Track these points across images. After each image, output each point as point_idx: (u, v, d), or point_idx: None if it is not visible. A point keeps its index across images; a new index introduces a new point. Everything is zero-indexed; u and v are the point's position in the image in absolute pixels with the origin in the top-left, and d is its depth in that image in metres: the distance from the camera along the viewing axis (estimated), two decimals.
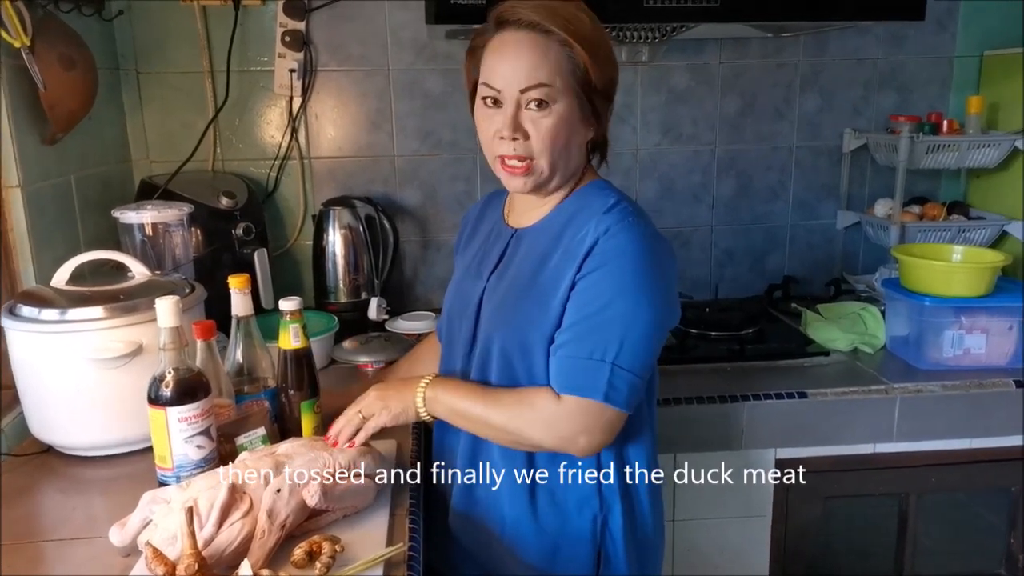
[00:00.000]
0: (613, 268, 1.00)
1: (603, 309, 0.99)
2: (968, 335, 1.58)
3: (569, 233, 1.05)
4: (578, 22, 0.99)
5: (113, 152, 1.78)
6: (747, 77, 2.01)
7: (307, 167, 1.95)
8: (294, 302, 1.15)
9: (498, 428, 1.05)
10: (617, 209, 1.04)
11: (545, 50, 0.99)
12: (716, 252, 2.12)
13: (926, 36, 2.01)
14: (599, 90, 1.02)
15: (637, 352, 1.00)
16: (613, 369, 0.99)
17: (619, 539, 1.09)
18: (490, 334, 1.10)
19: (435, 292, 2.04)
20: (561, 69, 1.00)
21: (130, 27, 1.81)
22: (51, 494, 1.14)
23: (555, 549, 1.09)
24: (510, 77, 1.01)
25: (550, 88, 1.00)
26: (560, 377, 1.01)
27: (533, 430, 1.03)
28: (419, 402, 1.08)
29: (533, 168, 1.04)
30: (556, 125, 1.01)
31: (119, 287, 1.25)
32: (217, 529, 0.90)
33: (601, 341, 0.99)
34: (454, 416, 1.08)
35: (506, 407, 1.05)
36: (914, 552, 1.66)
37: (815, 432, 1.53)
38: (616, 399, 1.00)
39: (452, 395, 1.08)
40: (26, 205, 1.35)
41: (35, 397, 1.21)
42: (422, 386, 1.09)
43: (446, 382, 1.11)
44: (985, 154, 1.88)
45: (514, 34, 1.01)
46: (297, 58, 1.85)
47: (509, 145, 1.03)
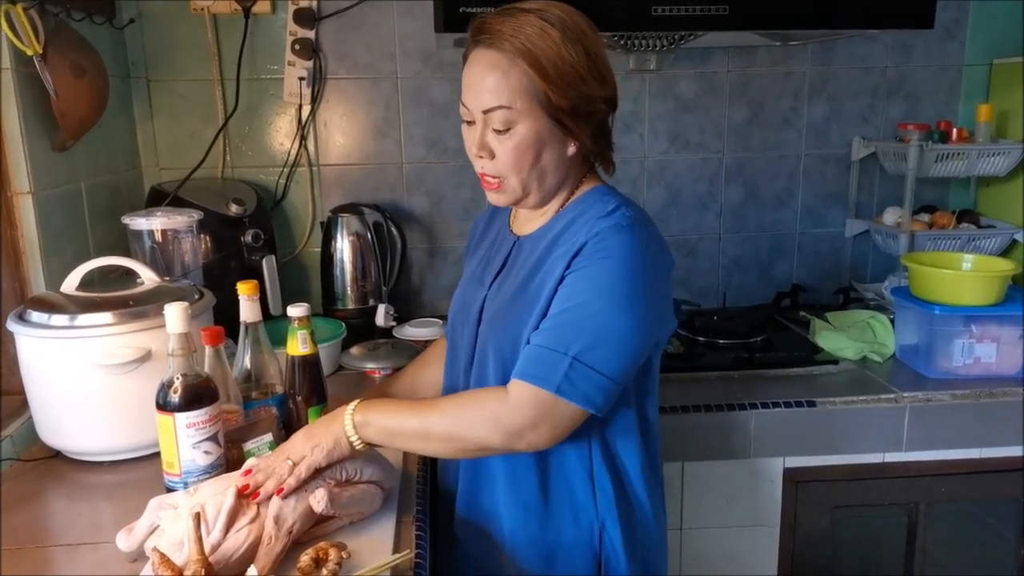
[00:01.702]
0: (594, 269, 0.99)
1: (578, 307, 0.98)
2: (978, 344, 1.57)
3: (565, 238, 1.05)
4: (539, 42, 0.96)
5: (123, 159, 1.79)
6: (755, 85, 2.01)
7: (316, 174, 1.96)
8: (302, 308, 1.16)
9: (442, 437, 1.01)
10: (615, 215, 1.03)
11: (507, 70, 0.98)
12: (724, 260, 2.12)
13: (934, 44, 2.01)
14: (565, 110, 0.99)
15: (608, 354, 0.97)
16: (573, 363, 0.96)
17: (619, 545, 1.08)
18: (486, 340, 1.10)
19: (442, 299, 2.04)
20: (522, 90, 0.98)
21: (141, 35, 1.83)
22: (59, 499, 1.15)
23: (552, 557, 1.09)
24: (474, 98, 1.01)
25: (510, 111, 0.99)
26: (520, 364, 1.00)
27: (479, 429, 0.99)
28: (349, 431, 1.01)
29: (504, 186, 1.05)
30: (519, 147, 1.01)
31: (128, 293, 1.25)
32: (224, 535, 0.90)
33: (568, 336, 0.97)
34: (390, 436, 1.02)
35: (447, 413, 1.02)
36: (923, 563, 1.64)
37: (824, 441, 1.52)
38: (571, 393, 0.96)
39: (383, 415, 1.02)
40: (37, 211, 1.36)
41: (44, 402, 1.22)
42: (349, 412, 1.02)
43: (375, 403, 1.04)
44: (995, 162, 1.87)
45: (481, 52, 1.01)
46: (306, 66, 1.86)
47: (479, 163, 1.05)
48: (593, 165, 1.13)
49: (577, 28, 0.99)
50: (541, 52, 0.97)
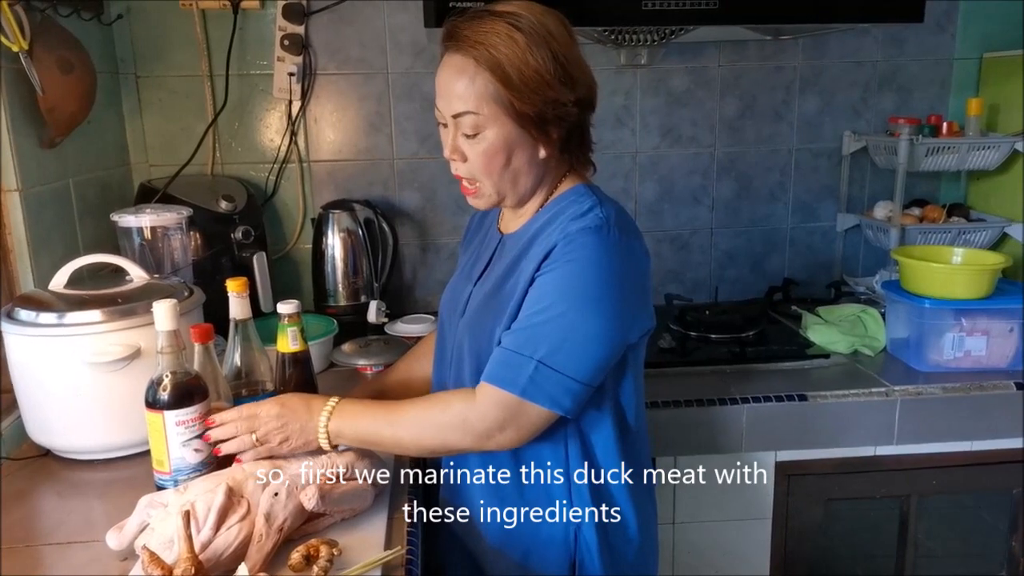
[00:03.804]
0: (561, 273, 0.99)
1: (544, 310, 0.99)
2: (969, 337, 1.58)
3: (540, 239, 1.05)
4: (504, 48, 0.95)
5: (112, 156, 1.78)
6: (746, 79, 2.01)
7: (306, 170, 1.95)
8: (292, 305, 1.15)
9: (413, 445, 1.05)
10: (588, 216, 1.02)
11: (473, 75, 0.97)
12: (716, 254, 2.12)
13: (925, 38, 2.01)
14: (531, 116, 0.98)
15: (575, 356, 0.98)
16: (538, 366, 0.97)
17: (594, 548, 1.08)
18: (464, 337, 1.10)
19: (434, 295, 2.04)
20: (488, 96, 0.98)
21: (129, 31, 1.81)
22: (49, 498, 1.14)
23: (527, 553, 1.09)
24: (445, 103, 1.01)
25: (477, 116, 0.99)
26: (488, 366, 1.01)
27: (448, 432, 1.02)
28: (322, 438, 1.03)
29: (480, 191, 1.06)
30: (488, 151, 1.01)
31: (117, 291, 1.25)
32: (214, 533, 0.90)
33: (533, 339, 0.98)
34: (365, 445, 1.05)
35: (415, 421, 1.03)
36: (915, 555, 1.65)
37: (816, 434, 1.53)
38: (536, 396, 0.97)
39: (357, 424, 1.03)
40: (24, 209, 1.35)
41: (33, 401, 1.21)
42: (324, 418, 1.03)
43: (349, 410, 1.04)
44: (985, 156, 1.88)
45: (450, 57, 1.00)
46: (296, 61, 1.85)
47: (454, 165, 1.06)
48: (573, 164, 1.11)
49: (545, 32, 0.97)
50: (505, 58, 0.96)
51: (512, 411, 0.99)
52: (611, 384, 1.07)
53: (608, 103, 1.97)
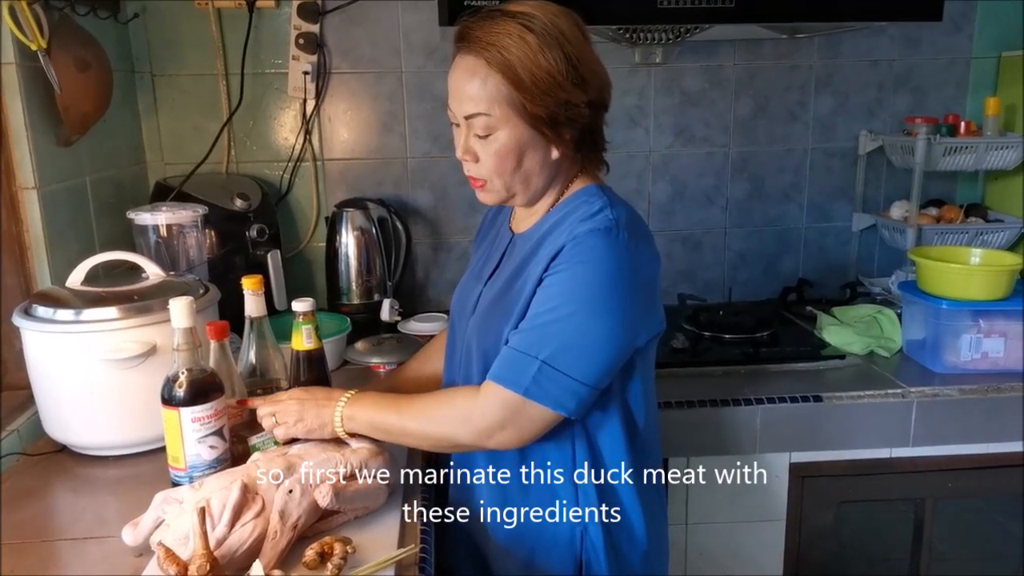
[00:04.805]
0: (569, 274, 0.99)
1: (551, 311, 0.99)
2: (986, 339, 1.57)
3: (549, 240, 1.04)
4: (515, 50, 0.95)
5: (128, 154, 1.79)
6: (761, 78, 2.00)
7: (320, 169, 1.95)
8: (307, 303, 1.16)
9: (417, 435, 1.06)
10: (597, 217, 1.01)
11: (485, 77, 0.97)
12: (729, 255, 2.11)
13: (942, 37, 1.99)
14: (543, 118, 0.98)
15: (580, 358, 0.98)
16: (541, 367, 0.97)
17: (600, 550, 1.07)
18: (473, 336, 1.10)
19: (447, 294, 2.04)
20: (500, 98, 0.98)
21: (145, 30, 1.82)
22: (64, 493, 1.15)
23: (532, 554, 1.09)
24: (457, 103, 1.02)
25: (489, 117, 0.99)
26: (495, 366, 1.01)
27: (451, 426, 1.03)
28: (337, 421, 1.06)
29: (489, 187, 1.06)
30: (500, 152, 1.01)
31: (133, 288, 1.25)
32: (229, 529, 0.90)
33: (538, 339, 0.98)
34: (373, 431, 1.07)
35: (421, 413, 1.05)
36: (930, 558, 1.64)
37: (830, 436, 1.52)
38: (539, 396, 0.98)
39: (369, 411, 1.06)
40: (42, 206, 1.36)
41: (50, 397, 1.22)
42: (341, 404, 1.07)
43: (364, 398, 1.08)
44: (1003, 156, 1.86)
45: (462, 59, 1.00)
46: (311, 60, 1.86)
47: (465, 165, 1.06)
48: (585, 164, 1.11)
49: (558, 32, 0.97)
50: (516, 60, 0.96)
51: (514, 410, 0.99)
52: (618, 386, 1.06)
53: (621, 102, 1.96)
